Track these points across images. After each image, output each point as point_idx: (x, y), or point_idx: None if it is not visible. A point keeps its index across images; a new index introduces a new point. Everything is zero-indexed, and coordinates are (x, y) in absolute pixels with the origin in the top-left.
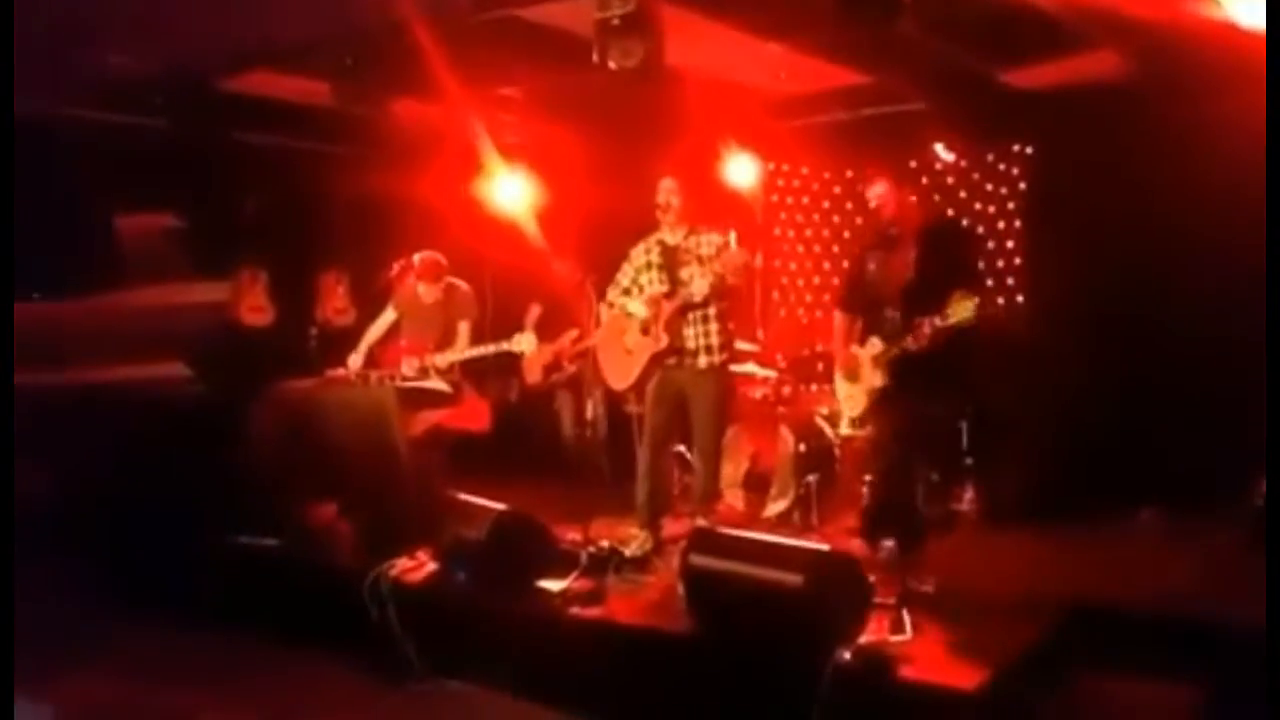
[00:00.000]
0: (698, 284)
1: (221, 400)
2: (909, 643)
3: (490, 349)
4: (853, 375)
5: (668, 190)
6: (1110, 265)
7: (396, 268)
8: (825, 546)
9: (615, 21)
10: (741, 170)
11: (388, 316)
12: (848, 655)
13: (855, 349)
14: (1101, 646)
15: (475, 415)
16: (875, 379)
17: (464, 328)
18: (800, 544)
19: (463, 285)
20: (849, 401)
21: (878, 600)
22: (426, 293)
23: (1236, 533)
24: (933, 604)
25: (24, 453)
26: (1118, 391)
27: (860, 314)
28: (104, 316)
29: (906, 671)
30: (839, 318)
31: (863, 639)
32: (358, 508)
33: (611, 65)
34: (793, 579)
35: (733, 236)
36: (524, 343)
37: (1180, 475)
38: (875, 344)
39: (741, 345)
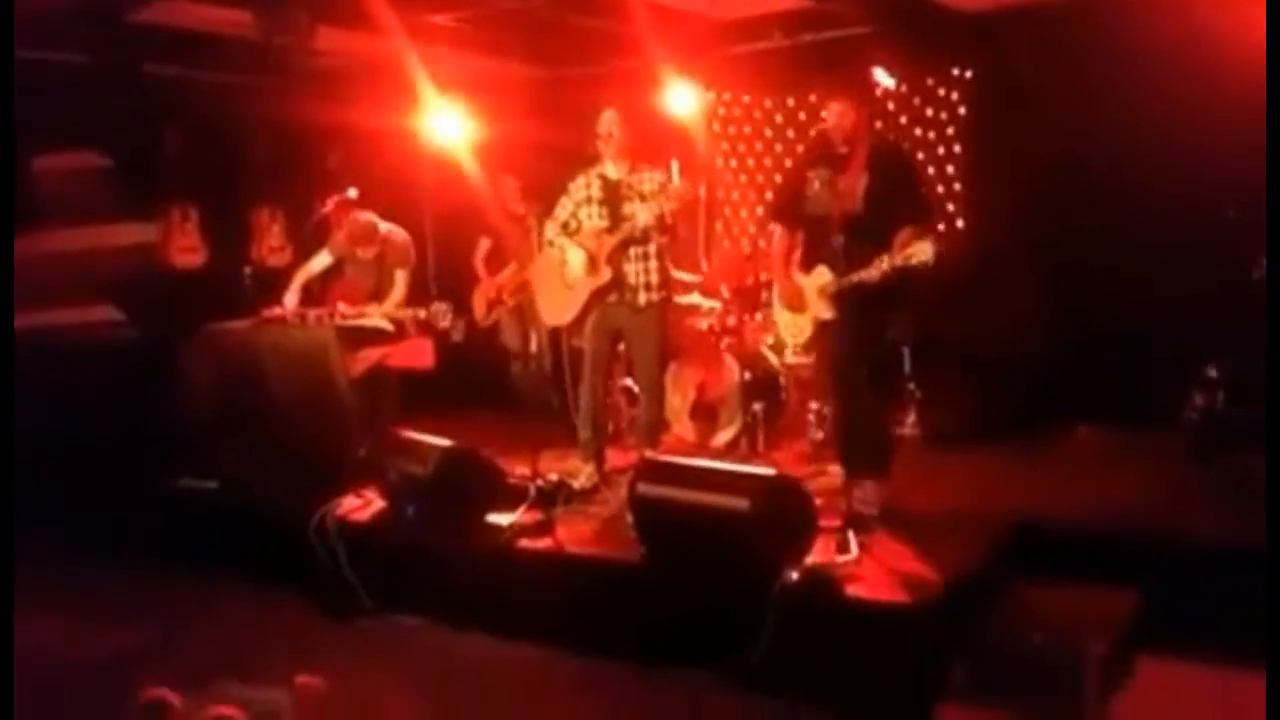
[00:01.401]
0: (643, 218)
1: (157, 344)
2: (855, 562)
3: (410, 313)
4: (797, 305)
5: (609, 121)
6: (1049, 189)
7: (330, 203)
8: (770, 470)
9: None
10: (682, 100)
11: (323, 259)
12: (795, 576)
13: (800, 277)
14: (1043, 558)
15: (419, 353)
16: (822, 310)
17: (400, 276)
18: (745, 469)
19: (398, 234)
20: (791, 329)
21: (824, 524)
22: (362, 251)
23: (1173, 446)
24: (878, 525)
25: None
26: (1055, 312)
27: (798, 231)
28: (25, 261)
29: (853, 590)
30: (777, 232)
31: (810, 560)
32: (298, 446)
33: None
34: (739, 503)
35: (675, 168)
36: (441, 316)
37: (1117, 393)
38: (823, 273)
39: (684, 276)
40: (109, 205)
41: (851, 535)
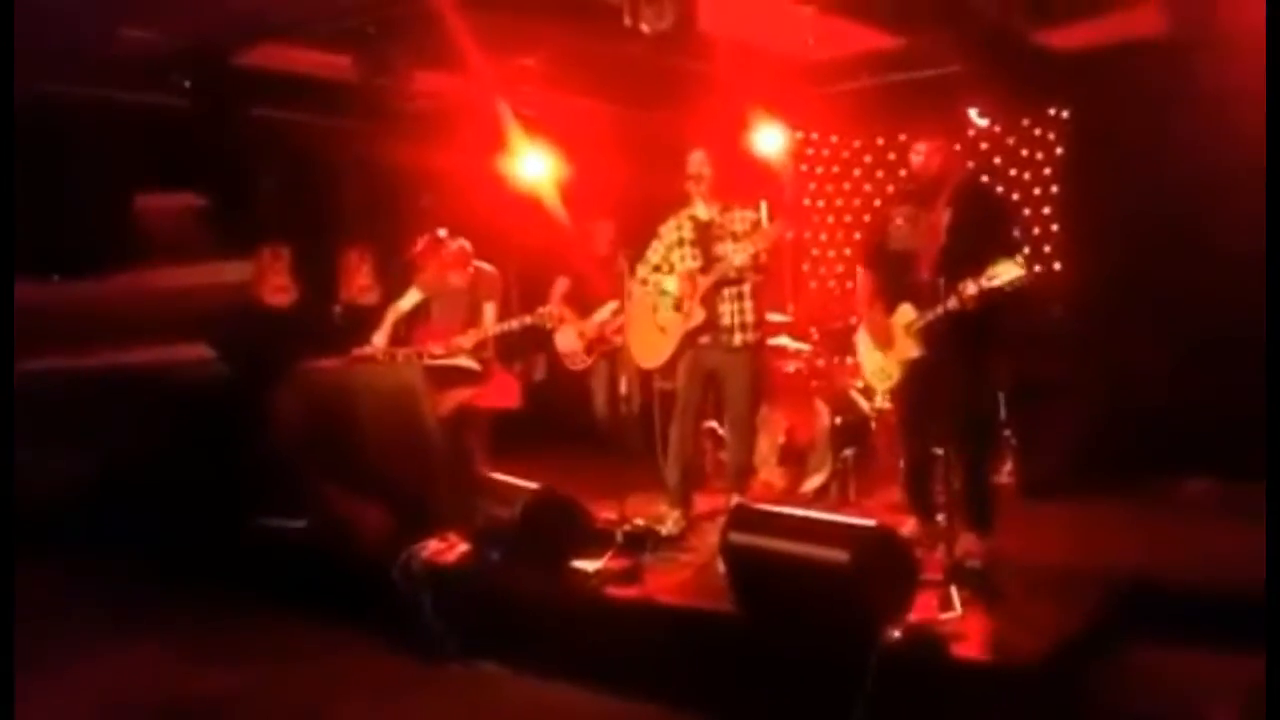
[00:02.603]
0: (738, 257)
1: (247, 381)
2: (960, 620)
3: (514, 324)
4: (885, 342)
5: (699, 162)
6: (1152, 230)
7: (421, 243)
8: (871, 522)
9: None
10: (770, 140)
11: (413, 296)
12: (897, 633)
13: (886, 318)
14: (1158, 620)
15: (505, 392)
16: (909, 349)
17: (489, 309)
18: (845, 519)
19: (487, 267)
20: (879, 374)
21: (925, 577)
22: (455, 277)
23: None
24: (981, 580)
25: (51, 435)
26: (1161, 359)
27: (884, 273)
28: (127, 298)
29: (959, 649)
30: (863, 275)
31: (912, 617)
32: (387, 488)
33: (644, 28)
34: (838, 555)
35: (764, 209)
36: (547, 316)
37: (1229, 445)
38: (908, 311)
39: (773, 317)
40: (206, 244)
41: (955, 591)
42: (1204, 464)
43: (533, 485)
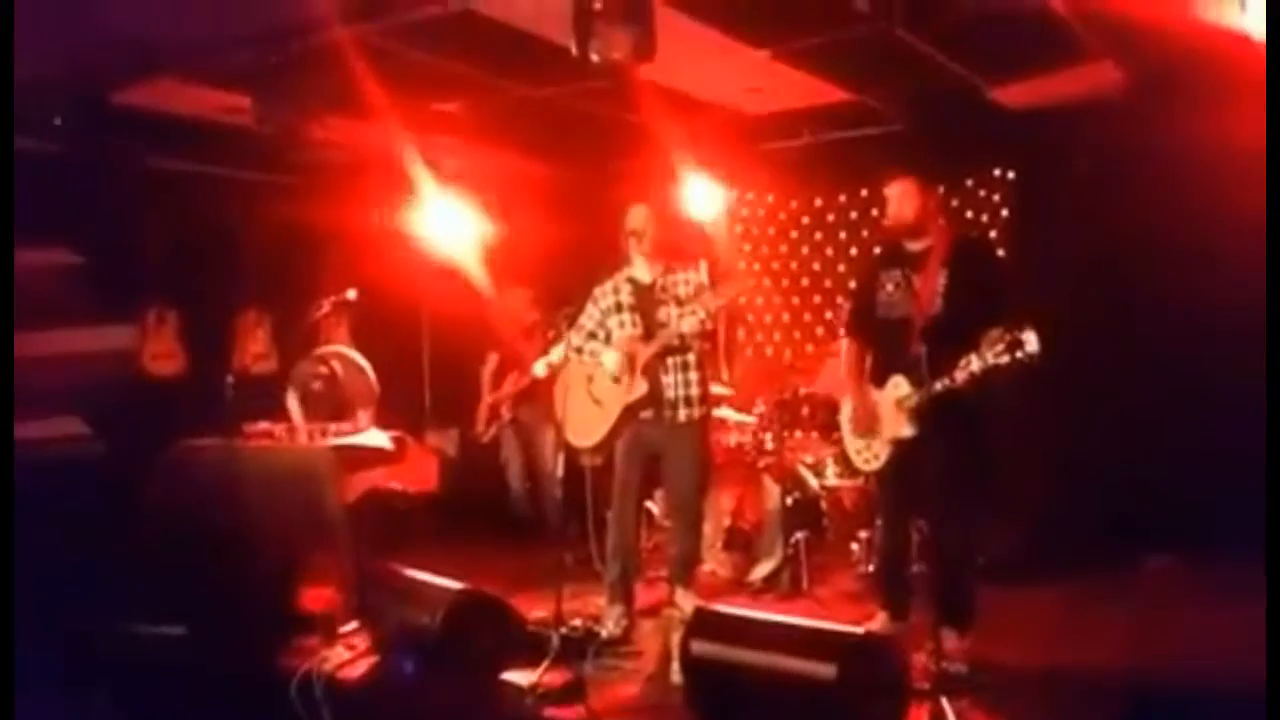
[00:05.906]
0: (685, 323)
1: (125, 461)
2: None
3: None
4: (869, 427)
5: (641, 218)
6: (1096, 298)
7: (326, 305)
8: (859, 629)
9: (598, 5)
10: (706, 198)
11: None
12: None
13: (874, 393)
14: None
15: (421, 474)
16: (900, 427)
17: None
18: (827, 626)
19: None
20: (864, 454)
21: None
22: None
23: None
24: (968, 687)
25: None
26: (1115, 431)
27: (870, 344)
28: None
29: None
30: (848, 347)
31: None
32: (283, 586)
33: (593, 57)
34: (824, 670)
35: (704, 270)
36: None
37: (1190, 518)
38: (899, 384)
39: (713, 389)
40: (83, 306)
41: (947, 704)
42: (1162, 538)
43: (453, 584)
